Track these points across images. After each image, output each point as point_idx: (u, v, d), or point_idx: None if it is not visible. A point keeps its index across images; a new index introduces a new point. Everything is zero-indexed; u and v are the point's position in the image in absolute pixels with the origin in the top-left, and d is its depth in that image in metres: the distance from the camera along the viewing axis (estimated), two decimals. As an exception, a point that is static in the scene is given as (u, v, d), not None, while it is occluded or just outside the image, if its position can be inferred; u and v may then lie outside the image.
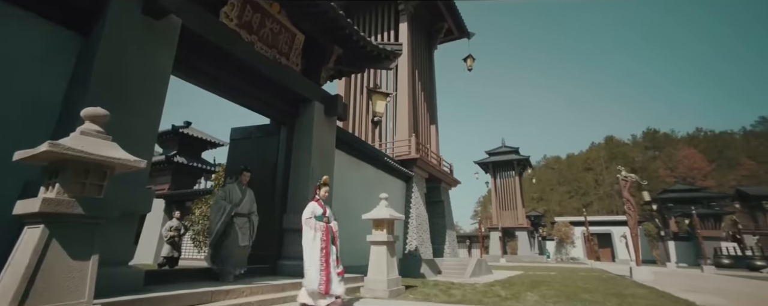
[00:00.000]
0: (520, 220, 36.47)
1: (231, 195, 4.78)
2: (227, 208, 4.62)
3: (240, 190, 4.84)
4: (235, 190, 4.83)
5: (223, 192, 4.81)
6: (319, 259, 3.85)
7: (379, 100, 7.43)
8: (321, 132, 6.29)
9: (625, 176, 10.51)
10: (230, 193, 4.79)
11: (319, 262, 3.83)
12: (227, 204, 4.65)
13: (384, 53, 7.08)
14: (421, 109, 13.56)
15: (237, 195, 4.78)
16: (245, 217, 4.75)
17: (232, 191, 4.81)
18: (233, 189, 4.84)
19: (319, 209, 4.16)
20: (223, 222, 4.57)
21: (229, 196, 4.76)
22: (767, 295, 6.84)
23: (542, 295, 4.95)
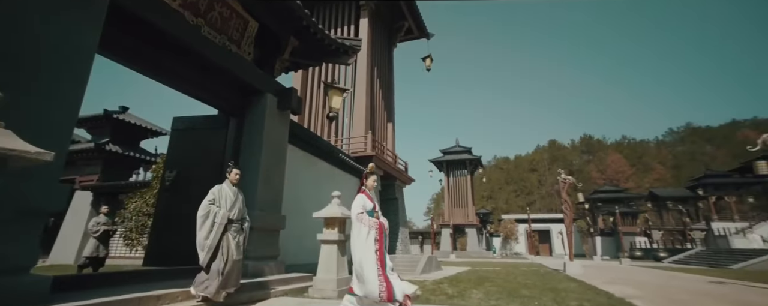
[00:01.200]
0: (470, 218, 38.12)
1: (221, 198, 3.98)
2: (219, 216, 3.83)
3: (231, 191, 4.09)
4: (226, 191, 4.05)
5: (212, 194, 3.97)
6: (375, 261, 3.24)
7: (335, 95, 7.26)
8: (273, 126, 6.00)
9: (563, 179, 11.39)
10: (221, 195, 4.00)
11: (376, 265, 3.23)
12: (218, 209, 3.87)
13: (342, 48, 6.92)
14: (379, 107, 13.55)
15: (229, 198, 4.03)
16: (238, 223, 4.03)
17: (222, 193, 4.02)
18: (223, 191, 4.05)
19: (369, 203, 3.57)
20: (215, 234, 3.76)
21: (220, 199, 3.97)
22: (668, 284, 7.83)
23: (486, 293, 5.17)
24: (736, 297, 5.73)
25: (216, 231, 3.81)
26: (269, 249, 5.41)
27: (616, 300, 4.59)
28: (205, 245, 3.73)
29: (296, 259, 7.23)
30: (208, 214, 3.85)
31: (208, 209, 3.87)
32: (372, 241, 3.31)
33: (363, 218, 3.43)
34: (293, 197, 7.62)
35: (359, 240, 3.34)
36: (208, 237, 3.78)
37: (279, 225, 5.85)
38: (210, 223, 3.82)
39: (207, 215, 3.84)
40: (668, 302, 4.88)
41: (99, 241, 6.71)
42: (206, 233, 3.78)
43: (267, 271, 5.09)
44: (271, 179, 5.80)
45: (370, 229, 3.36)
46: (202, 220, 3.84)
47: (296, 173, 7.92)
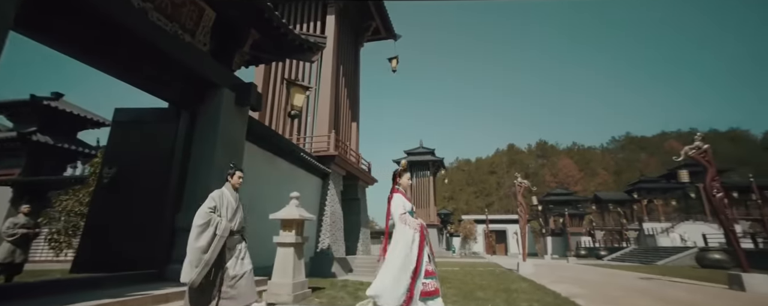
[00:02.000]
0: (431, 218, 38.91)
1: (223, 205, 3.47)
2: (220, 227, 3.30)
3: (233, 197, 3.61)
4: (229, 197, 3.56)
5: (212, 201, 3.45)
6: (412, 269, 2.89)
7: (297, 93, 7.02)
8: (230, 122, 5.67)
9: (519, 182, 11.95)
10: (222, 202, 3.48)
11: (411, 273, 2.87)
12: (219, 219, 3.35)
13: (306, 44, 6.71)
14: (344, 106, 13.38)
15: (231, 205, 3.53)
16: (238, 235, 3.54)
17: (224, 200, 3.51)
18: (225, 197, 3.54)
19: (408, 203, 3.24)
20: (215, 248, 3.23)
21: (221, 206, 3.45)
22: (606, 281, 8.48)
23: (443, 295, 5.23)
24: (657, 292, 6.38)
25: (216, 244, 3.24)
26: (221, 253, 5.10)
27: (562, 300, 4.85)
28: (201, 260, 3.16)
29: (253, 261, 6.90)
30: (208, 223, 3.29)
31: (208, 218, 3.30)
32: (416, 246, 2.98)
33: (407, 219, 3.11)
34: (250, 197, 7.27)
35: (405, 242, 3.00)
36: (206, 251, 3.21)
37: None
38: (210, 235, 3.25)
39: (207, 225, 3.27)
40: (605, 299, 5.25)
41: (15, 246, 5.87)
42: (204, 246, 3.21)
43: (217, 276, 4.79)
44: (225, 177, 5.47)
45: (415, 231, 3.04)
46: (200, 230, 3.26)
47: (254, 172, 7.57)
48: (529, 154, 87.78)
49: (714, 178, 7.71)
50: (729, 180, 32.03)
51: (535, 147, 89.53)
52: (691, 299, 5.61)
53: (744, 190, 28.09)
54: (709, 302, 5.36)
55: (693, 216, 33.13)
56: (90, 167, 9.67)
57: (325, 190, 11.09)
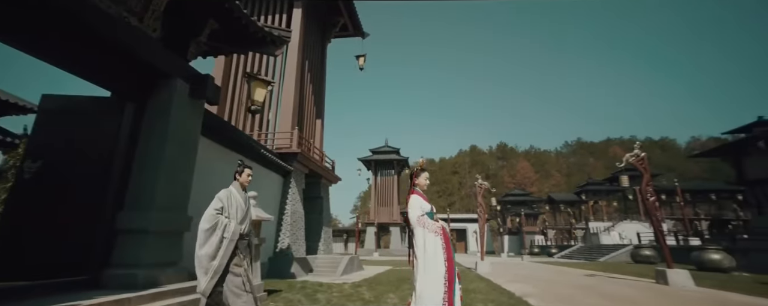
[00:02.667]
0: (395, 216, 39.28)
1: (231, 206, 3.18)
2: (229, 230, 3.04)
3: (242, 197, 3.33)
4: (237, 197, 3.28)
5: (219, 201, 3.16)
6: (443, 277, 2.67)
7: (259, 87, 6.74)
8: (183, 115, 5.30)
9: (480, 184, 12.38)
10: (230, 203, 3.19)
11: (443, 282, 2.66)
12: (228, 221, 3.08)
13: (270, 38, 6.45)
14: (308, 102, 13.09)
15: (241, 207, 3.25)
16: (247, 238, 3.28)
17: (232, 200, 3.22)
18: (233, 196, 3.25)
19: (426, 204, 3.02)
20: (224, 253, 2.96)
21: (229, 208, 3.17)
22: (556, 279, 9.03)
23: (402, 297, 5.28)
24: (599, 288, 6.91)
25: (225, 249, 2.99)
26: (168, 254, 4.76)
27: (516, 299, 5.08)
28: (211, 267, 2.91)
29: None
30: (215, 226, 3.02)
31: (215, 221, 3.04)
32: (441, 250, 2.76)
33: (426, 222, 2.86)
34: (206, 195, 6.86)
35: (426, 248, 2.78)
36: (215, 257, 2.95)
37: (183, 227, 5.20)
38: (218, 239, 2.99)
39: (214, 228, 3.01)
40: (556, 298, 5.58)
41: None
42: (213, 251, 2.95)
43: (164, 280, 4.46)
44: (177, 176, 5.12)
45: (437, 235, 2.81)
46: (207, 235, 2.99)
47: (210, 169, 7.18)
48: (490, 156, 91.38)
49: (648, 183, 8.46)
50: (658, 184, 35.38)
51: (496, 149, 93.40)
52: (625, 294, 6.12)
53: (670, 192, 31.25)
54: (639, 296, 5.89)
55: (630, 216, 36.28)
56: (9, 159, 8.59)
57: (286, 189, 10.78)
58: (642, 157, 8.57)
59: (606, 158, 76.60)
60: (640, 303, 5.19)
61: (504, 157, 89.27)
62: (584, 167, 78.95)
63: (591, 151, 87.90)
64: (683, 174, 64.11)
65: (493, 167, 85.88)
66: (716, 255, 12.81)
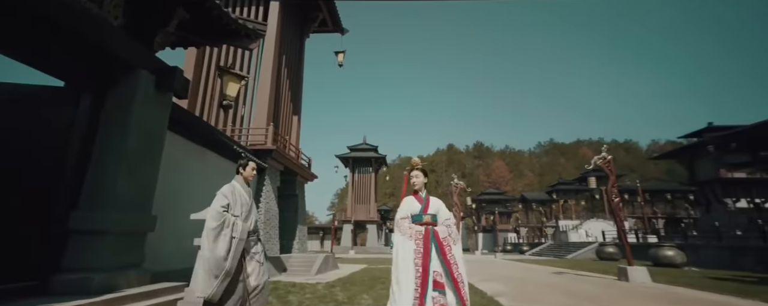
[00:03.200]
0: (371, 214, 39.33)
1: (237, 203, 3.00)
2: (238, 229, 2.86)
3: (246, 193, 3.15)
4: (242, 193, 3.11)
5: (224, 197, 2.98)
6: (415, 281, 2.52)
7: (231, 82, 6.49)
8: (148, 109, 5.01)
9: (455, 184, 12.56)
10: (235, 198, 3.02)
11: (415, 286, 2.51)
12: (233, 219, 2.90)
13: (244, 31, 6.21)
14: (284, 98, 12.79)
15: (245, 203, 3.08)
16: (255, 236, 3.12)
17: (236, 195, 3.04)
18: (238, 192, 3.08)
19: (416, 205, 2.86)
20: (235, 254, 2.80)
21: (235, 204, 2.99)
22: (528, 277, 9.33)
23: (377, 297, 5.27)
24: (566, 286, 7.20)
25: (235, 249, 2.82)
26: (129, 256, 4.50)
27: (488, 299, 5.18)
28: (222, 270, 2.73)
29: (171, 264, 6.27)
30: (222, 225, 2.84)
31: (222, 219, 2.84)
32: (410, 255, 2.61)
33: (401, 226, 2.80)
34: (173, 193, 6.59)
35: (396, 253, 2.70)
36: (226, 258, 2.76)
37: (146, 227, 4.93)
38: (227, 239, 2.81)
39: (222, 227, 2.84)
40: (525, 297, 5.74)
41: None
42: (223, 253, 2.76)
43: (124, 283, 4.21)
44: (139, 173, 4.84)
45: (409, 239, 2.69)
46: (214, 234, 2.79)
47: (178, 166, 6.88)
48: (466, 155, 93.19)
49: (613, 184, 8.88)
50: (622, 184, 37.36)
51: (473, 148, 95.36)
52: (589, 291, 6.40)
53: (632, 192, 33.16)
54: (601, 293, 6.18)
55: (597, 214, 38.15)
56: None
57: (260, 186, 10.51)
58: (609, 160, 8.97)
59: (576, 159, 79.98)
60: (602, 300, 5.44)
61: (480, 157, 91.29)
62: (556, 167, 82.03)
63: (562, 151, 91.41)
64: (644, 175, 68.08)
65: (469, 166, 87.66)
66: (670, 252, 13.69)
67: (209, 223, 2.83)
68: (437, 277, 2.59)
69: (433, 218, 2.80)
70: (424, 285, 2.53)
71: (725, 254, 13.98)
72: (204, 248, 2.79)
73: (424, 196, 2.91)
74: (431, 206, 2.83)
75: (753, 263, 12.51)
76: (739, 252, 13.46)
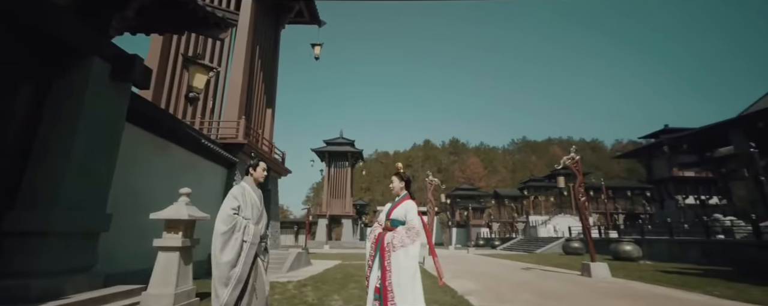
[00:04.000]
0: (347, 208, 39.13)
1: (247, 205, 2.85)
2: (249, 232, 2.73)
3: (257, 195, 2.99)
4: (252, 195, 2.95)
5: (234, 199, 2.79)
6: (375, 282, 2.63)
7: (198, 73, 6.14)
8: (102, 99, 4.64)
9: (430, 181, 12.64)
10: (245, 201, 2.86)
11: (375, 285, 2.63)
12: (245, 222, 2.75)
13: (213, 19, 5.87)
14: (258, 90, 12.35)
15: (256, 205, 2.92)
16: (265, 241, 2.97)
17: (247, 197, 2.89)
18: (248, 194, 2.92)
19: (386, 209, 2.94)
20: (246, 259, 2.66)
21: (246, 207, 2.83)
22: (498, 274, 9.56)
23: (347, 298, 5.19)
24: (534, 283, 7.45)
25: (247, 254, 2.67)
26: (78, 259, 4.17)
27: (458, 298, 5.23)
28: (232, 276, 2.57)
29: (130, 265, 5.92)
30: (233, 229, 2.67)
31: (233, 223, 2.68)
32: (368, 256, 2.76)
33: (371, 228, 2.95)
34: (133, 190, 6.21)
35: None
36: (236, 264, 2.61)
37: (99, 226, 4.59)
38: (238, 243, 2.66)
39: (232, 231, 2.67)
40: (495, 296, 5.85)
41: None
42: (233, 258, 2.61)
43: (70, 289, 3.90)
44: (92, 169, 4.48)
45: (369, 241, 2.84)
46: (225, 239, 2.63)
47: (139, 161, 6.46)
48: (442, 151, 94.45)
49: (581, 184, 9.22)
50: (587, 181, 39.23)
51: (449, 144, 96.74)
52: (553, 288, 6.64)
53: (597, 189, 34.94)
54: (564, 290, 6.43)
55: (564, 210, 39.79)
56: None
57: (230, 181, 10.13)
58: (577, 161, 9.28)
59: (547, 156, 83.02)
60: (565, 297, 5.64)
61: (456, 153, 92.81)
62: (527, 164, 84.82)
63: (534, 149, 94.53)
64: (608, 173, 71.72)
65: (445, 162, 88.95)
66: (628, 247, 14.53)
67: (219, 226, 2.71)
68: (377, 282, 2.61)
69: (393, 223, 2.79)
70: (367, 286, 2.70)
71: (675, 248, 14.99)
72: (214, 254, 2.66)
73: (395, 201, 2.91)
74: (396, 212, 2.81)
75: (698, 256, 13.50)
76: (687, 245, 14.45)
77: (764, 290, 6.49)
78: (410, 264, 2.55)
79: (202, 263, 8.56)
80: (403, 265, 2.54)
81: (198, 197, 8.47)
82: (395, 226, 2.77)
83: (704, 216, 20.11)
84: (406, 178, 3.02)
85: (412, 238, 2.60)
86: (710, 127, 25.09)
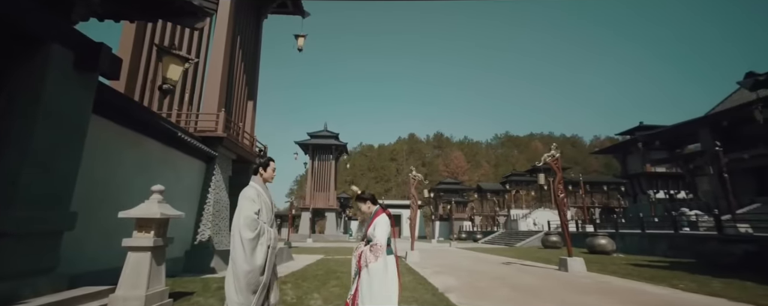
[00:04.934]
0: (331, 202, 38.98)
1: (263, 207, 2.71)
2: (272, 237, 2.65)
3: (268, 197, 2.83)
4: (266, 198, 2.77)
5: (253, 203, 2.62)
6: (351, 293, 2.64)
7: (172, 63, 5.85)
8: (64, 89, 4.35)
9: (413, 176, 12.66)
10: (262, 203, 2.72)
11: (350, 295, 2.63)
12: (266, 226, 2.64)
13: (189, 7, 5.58)
14: (239, 82, 11.98)
15: (269, 208, 2.79)
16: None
17: (262, 200, 2.73)
18: (262, 197, 2.74)
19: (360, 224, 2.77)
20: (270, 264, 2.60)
21: (262, 208, 2.69)
22: (478, 269, 9.70)
23: (327, 297, 5.12)
24: (513, 278, 7.59)
25: (271, 260, 2.60)
26: (38, 261, 3.94)
27: (438, 296, 5.25)
28: (260, 283, 2.48)
29: (99, 263, 5.64)
30: (259, 234, 2.54)
31: (258, 228, 2.54)
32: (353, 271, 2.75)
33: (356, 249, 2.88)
34: (102, 185, 5.90)
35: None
36: (263, 271, 2.53)
37: (62, 226, 4.34)
38: (264, 249, 2.55)
39: (259, 236, 2.53)
40: (474, 292, 5.92)
41: None
42: (262, 263, 2.51)
43: (30, 292, 3.68)
44: (54, 163, 4.22)
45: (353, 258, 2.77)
46: (253, 246, 2.49)
47: (109, 155, 6.14)
48: (427, 144, 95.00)
49: (560, 181, 9.41)
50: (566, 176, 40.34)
51: (433, 138, 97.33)
52: (530, 283, 6.80)
53: (575, 184, 36.04)
54: (541, 285, 6.60)
55: (544, 204, 40.85)
56: None
57: (209, 176, 9.83)
58: (557, 158, 9.45)
59: (529, 151, 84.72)
60: (541, 293, 5.76)
61: (440, 147, 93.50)
62: (510, 159, 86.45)
63: (516, 144, 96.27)
64: (586, 168, 73.99)
65: (429, 155, 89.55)
66: (603, 240, 15.07)
67: (244, 232, 2.51)
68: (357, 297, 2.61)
69: (368, 241, 2.79)
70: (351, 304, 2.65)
71: (645, 241, 15.65)
72: (239, 261, 2.49)
73: (369, 219, 2.88)
74: (369, 230, 2.79)
75: (666, 249, 14.14)
76: (656, 239, 15.11)
77: (724, 282, 6.85)
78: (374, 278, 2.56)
79: (176, 260, 8.31)
80: (379, 280, 2.56)
81: (175, 192, 8.21)
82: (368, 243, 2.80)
83: (672, 210, 21.06)
84: (369, 197, 2.98)
85: (375, 254, 2.60)
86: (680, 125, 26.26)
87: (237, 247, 2.50)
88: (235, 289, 2.47)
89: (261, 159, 2.96)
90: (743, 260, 9.65)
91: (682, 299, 5.34)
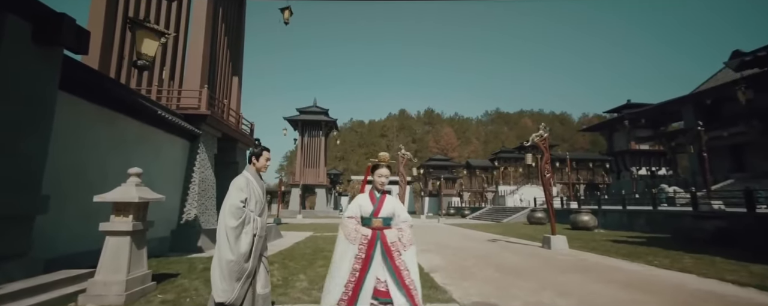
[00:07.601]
0: (321, 178, 39.05)
1: (252, 197, 2.64)
2: (259, 226, 2.59)
3: (259, 186, 2.76)
4: (256, 186, 2.71)
5: (241, 191, 2.57)
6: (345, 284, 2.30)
7: (147, 38, 5.46)
8: (22, 65, 4.05)
9: (402, 154, 12.61)
10: (251, 192, 2.64)
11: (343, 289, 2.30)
12: (252, 215, 2.59)
13: (158, -26, 5.14)
14: (222, 57, 11.45)
15: (260, 198, 2.72)
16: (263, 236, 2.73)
17: (251, 189, 2.66)
18: (252, 185, 2.68)
19: (368, 205, 2.51)
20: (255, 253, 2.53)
21: (251, 198, 2.63)
22: (465, 246, 9.93)
23: (313, 278, 5.15)
24: (497, 257, 7.78)
25: (257, 249, 2.56)
26: (6, 246, 3.80)
27: (424, 275, 5.32)
28: (244, 271, 2.45)
29: (77, 246, 5.52)
30: (244, 222, 2.50)
31: (243, 216, 2.50)
32: (348, 258, 2.36)
33: (346, 226, 2.49)
34: (76, 166, 5.66)
35: (335, 251, 2.45)
36: (248, 258, 2.49)
37: (32, 209, 4.18)
38: (250, 237, 2.51)
39: (243, 224, 2.50)
40: (459, 271, 6.04)
41: None
42: (246, 252, 2.47)
43: (1, 279, 3.57)
44: (17, 145, 3.99)
45: (351, 243, 2.40)
46: (237, 234, 2.46)
47: (83, 135, 5.86)
48: (417, 121, 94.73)
49: (547, 161, 9.48)
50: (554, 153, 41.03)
51: (424, 114, 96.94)
52: (514, 263, 6.98)
53: (562, 161, 36.75)
54: (524, 264, 6.79)
55: (532, 180, 41.71)
56: None
57: (193, 154, 9.58)
58: (545, 138, 9.47)
59: (518, 128, 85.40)
60: (524, 271, 5.92)
61: (430, 123, 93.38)
62: (499, 135, 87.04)
63: (506, 120, 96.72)
64: (573, 144, 75.27)
65: (419, 132, 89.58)
66: (585, 217, 15.56)
67: (228, 221, 2.49)
68: (380, 285, 2.36)
69: (386, 221, 2.51)
70: (357, 291, 2.32)
71: (625, 217, 16.22)
72: (223, 249, 2.46)
73: (378, 196, 2.56)
74: (385, 208, 2.52)
75: (644, 224, 14.73)
76: (635, 215, 15.67)
77: (695, 258, 7.17)
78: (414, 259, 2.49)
79: (163, 240, 8.25)
80: (414, 261, 2.46)
81: (157, 172, 8.00)
82: (387, 224, 2.53)
83: (653, 187, 21.75)
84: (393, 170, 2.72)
85: (411, 236, 2.53)
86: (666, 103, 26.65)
87: (221, 235, 2.50)
88: (219, 276, 2.46)
89: (255, 149, 2.88)
90: (714, 236, 10.10)
91: (655, 275, 5.55)
